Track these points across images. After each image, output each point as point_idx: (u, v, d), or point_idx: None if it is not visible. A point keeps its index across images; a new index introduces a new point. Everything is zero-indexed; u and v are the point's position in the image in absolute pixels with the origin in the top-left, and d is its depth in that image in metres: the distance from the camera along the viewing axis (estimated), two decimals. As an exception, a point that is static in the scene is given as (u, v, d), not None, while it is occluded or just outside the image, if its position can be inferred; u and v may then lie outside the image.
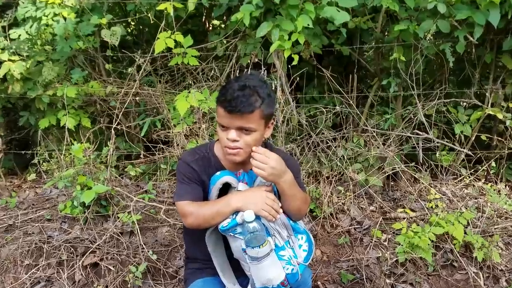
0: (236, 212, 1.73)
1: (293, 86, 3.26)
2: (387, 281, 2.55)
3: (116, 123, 3.18)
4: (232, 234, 1.76)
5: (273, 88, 3.06)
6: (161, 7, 3.07)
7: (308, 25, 2.70)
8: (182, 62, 3.16)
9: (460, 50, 2.97)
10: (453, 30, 2.99)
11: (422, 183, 3.14)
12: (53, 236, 2.85)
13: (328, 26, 3.17)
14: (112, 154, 3.05)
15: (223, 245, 1.92)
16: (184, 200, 1.80)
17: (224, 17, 4.31)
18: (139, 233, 2.76)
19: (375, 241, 2.90)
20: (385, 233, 2.99)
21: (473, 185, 3.55)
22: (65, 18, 3.18)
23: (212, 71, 3.95)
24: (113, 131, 2.98)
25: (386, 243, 2.89)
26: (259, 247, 1.73)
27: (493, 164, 3.63)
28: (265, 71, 3.34)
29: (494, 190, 3.37)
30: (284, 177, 1.76)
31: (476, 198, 3.40)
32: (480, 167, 3.55)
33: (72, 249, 2.72)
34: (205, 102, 3.26)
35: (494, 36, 3.18)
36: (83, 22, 3.18)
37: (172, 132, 3.44)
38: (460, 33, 2.93)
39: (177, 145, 3.48)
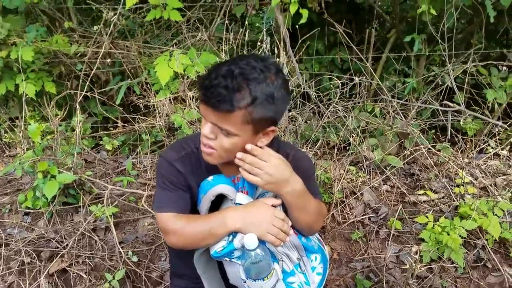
0: (233, 232, 1.33)
1: (296, 49, 2.67)
2: (412, 290, 2.15)
3: (83, 91, 2.62)
4: (227, 259, 1.37)
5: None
6: None
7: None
8: (162, 17, 2.55)
9: (505, 3, 2.38)
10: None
11: (448, 161, 2.67)
12: (12, 235, 2.39)
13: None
14: (80, 132, 2.52)
15: (216, 264, 1.52)
16: (166, 211, 1.38)
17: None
18: (114, 231, 2.31)
19: (393, 234, 2.47)
20: (404, 222, 2.56)
21: (499, 156, 3.09)
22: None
23: (198, 23, 3.34)
24: (78, 107, 2.42)
25: (406, 237, 2.47)
26: (263, 280, 1.33)
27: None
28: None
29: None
30: (287, 187, 1.32)
31: (505, 175, 2.96)
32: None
33: (34, 253, 2.26)
34: (192, 65, 2.69)
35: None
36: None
37: (153, 100, 2.89)
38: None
39: (159, 114, 2.94)
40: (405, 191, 2.81)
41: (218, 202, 1.42)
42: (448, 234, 2.28)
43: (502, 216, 2.40)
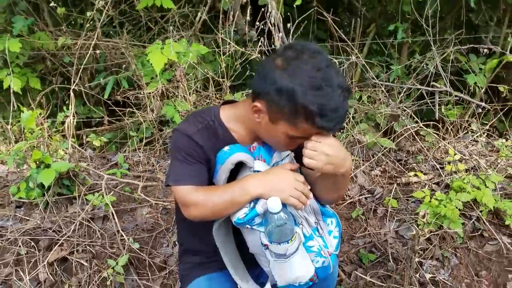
0: (255, 199, 1.31)
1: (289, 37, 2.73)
2: (416, 259, 2.19)
3: (74, 84, 2.57)
4: (249, 226, 1.35)
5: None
6: None
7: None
8: (153, 5, 2.56)
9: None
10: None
11: (435, 143, 2.76)
12: (6, 227, 2.29)
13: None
14: (73, 121, 2.46)
15: (232, 237, 1.51)
16: (185, 184, 1.35)
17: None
18: (115, 217, 2.25)
19: (391, 212, 2.53)
20: (399, 201, 2.62)
21: (485, 141, 3.22)
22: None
23: (184, 20, 3.36)
24: (72, 93, 2.38)
25: (403, 213, 2.53)
26: (287, 243, 1.32)
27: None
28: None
29: (506, 146, 3.06)
30: (344, 167, 1.32)
31: (485, 156, 3.10)
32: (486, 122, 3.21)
33: (32, 242, 2.17)
34: (184, 55, 2.70)
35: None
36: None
37: (143, 92, 2.87)
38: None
39: (150, 107, 2.92)
40: (396, 174, 2.89)
41: (235, 173, 1.41)
42: (445, 207, 2.35)
43: (493, 189, 2.50)
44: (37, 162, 2.35)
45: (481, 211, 2.44)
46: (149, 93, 2.84)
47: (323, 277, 1.47)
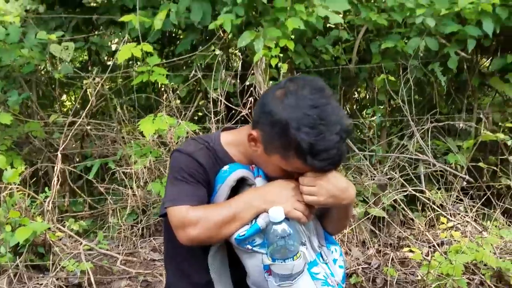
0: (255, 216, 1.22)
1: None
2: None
3: (61, 147, 2.54)
4: (250, 247, 1.23)
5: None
6: (124, 18, 2.65)
7: (299, 26, 2.39)
8: (148, 81, 2.69)
9: (452, 66, 2.79)
10: (441, 48, 2.85)
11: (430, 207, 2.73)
12: (-34, 295, 2.04)
13: (314, 42, 2.90)
14: (54, 194, 2.37)
15: (228, 271, 1.35)
16: (182, 204, 1.23)
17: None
18: (93, 283, 2.04)
19: (390, 281, 2.37)
20: (398, 272, 2.48)
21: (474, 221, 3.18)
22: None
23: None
24: (59, 154, 2.34)
25: (403, 283, 2.38)
26: (293, 259, 1.19)
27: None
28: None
29: (496, 226, 3.02)
30: (347, 198, 1.25)
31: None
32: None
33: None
34: (175, 128, 2.76)
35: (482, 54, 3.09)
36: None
37: (131, 169, 2.83)
38: (450, 49, 2.79)
39: (136, 184, 2.86)
40: (388, 252, 2.78)
41: (234, 193, 1.30)
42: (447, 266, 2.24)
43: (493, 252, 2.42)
44: (13, 226, 2.20)
45: (483, 275, 2.32)
46: (139, 169, 2.81)
47: (331, 310, 1.32)
